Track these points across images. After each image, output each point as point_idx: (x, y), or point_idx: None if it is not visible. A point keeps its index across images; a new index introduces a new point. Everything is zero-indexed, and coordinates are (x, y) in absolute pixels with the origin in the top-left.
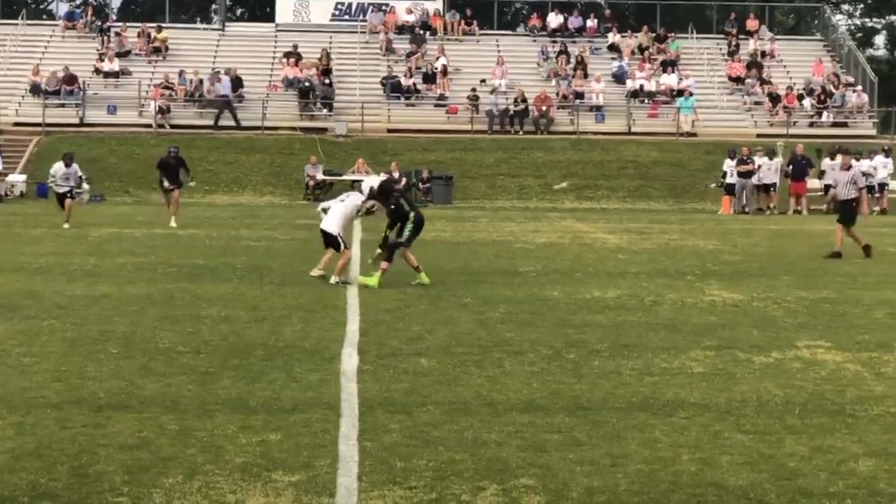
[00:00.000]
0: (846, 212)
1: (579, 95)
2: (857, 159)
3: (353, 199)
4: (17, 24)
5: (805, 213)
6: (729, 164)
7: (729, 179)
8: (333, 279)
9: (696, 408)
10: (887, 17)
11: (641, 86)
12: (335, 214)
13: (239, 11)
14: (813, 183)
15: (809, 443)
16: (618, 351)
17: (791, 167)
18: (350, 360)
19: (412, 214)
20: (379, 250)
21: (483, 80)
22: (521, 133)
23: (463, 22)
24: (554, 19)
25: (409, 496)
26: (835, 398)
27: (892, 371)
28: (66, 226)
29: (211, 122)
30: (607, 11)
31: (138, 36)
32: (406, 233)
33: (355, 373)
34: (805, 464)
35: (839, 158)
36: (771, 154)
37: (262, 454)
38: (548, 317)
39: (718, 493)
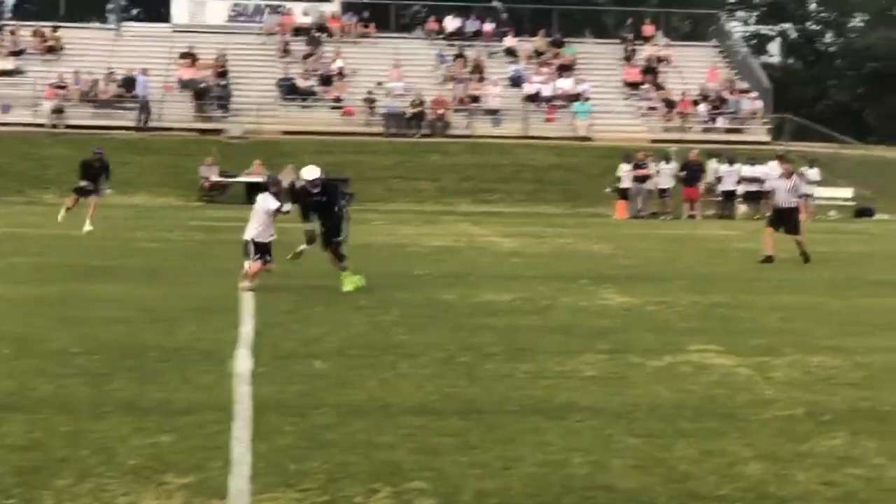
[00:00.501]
0: (791, 221)
1: (476, 99)
2: (752, 164)
3: (260, 204)
4: None
5: (699, 217)
6: (624, 169)
7: (624, 184)
8: (246, 284)
9: (589, 411)
10: (781, 25)
11: (538, 90)
12: (250, 223)
13: (134, 11)
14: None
15: (700, 446)
16: (511, 354)
17: (685, 172)
18: (244, 361)
19: (347, 213)
20: (304, 246)
21: (380, 83)
22: (417, 136)
23: (360, 24)
24: (451, 23)
25: (302, 498)
26: (726, 402)
27: (782, 375)
28: None
29: (106, 123)
30: (504, 15)
31: (33, 35)
32: (344, 231)
33: (249, 375)
34: (695, 467)
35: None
36: (665, 159)
37: (154, 456)
38: (442, 320)
39: (610, 496)
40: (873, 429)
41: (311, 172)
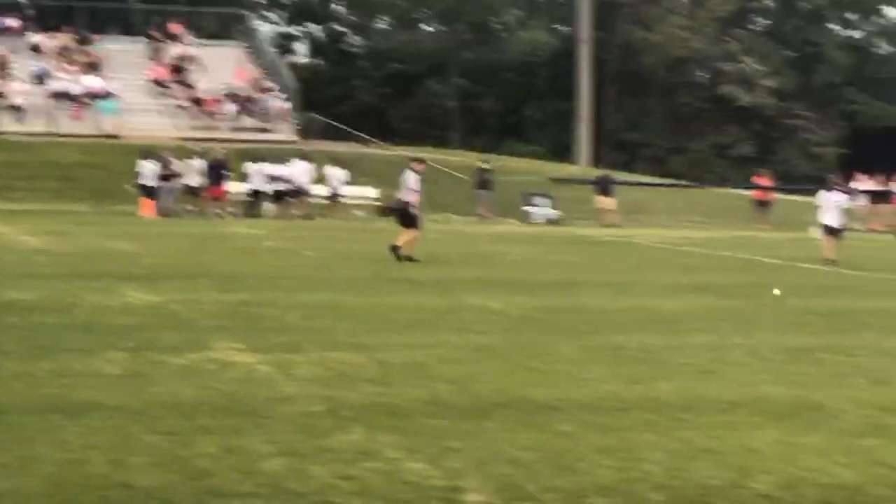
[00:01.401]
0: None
1: (0, 95)
2: (280, 163)
3: None
4: None
5: (226, 216)
6: (145, 166)
7: (148, 182)
8: None
9: (110, 409)
10: (308, 25)
11: (65, 87)
12: None
13: None
14: (235, 187)
15: (221, 443)
16: (32, 353)
17: (210, 171)
18: None
19: None
20: None
21: None
22: None
23: None
24: None
25: None
26: (247, 399)
27: (302, 372)
28: None
29: None
30: (30, 11)
31: None
32: None
33: None
34: (216, 464)
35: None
36: (193, 157)
37: None
38: None
39: (128, 494)
40: (389, 424)
41: None
